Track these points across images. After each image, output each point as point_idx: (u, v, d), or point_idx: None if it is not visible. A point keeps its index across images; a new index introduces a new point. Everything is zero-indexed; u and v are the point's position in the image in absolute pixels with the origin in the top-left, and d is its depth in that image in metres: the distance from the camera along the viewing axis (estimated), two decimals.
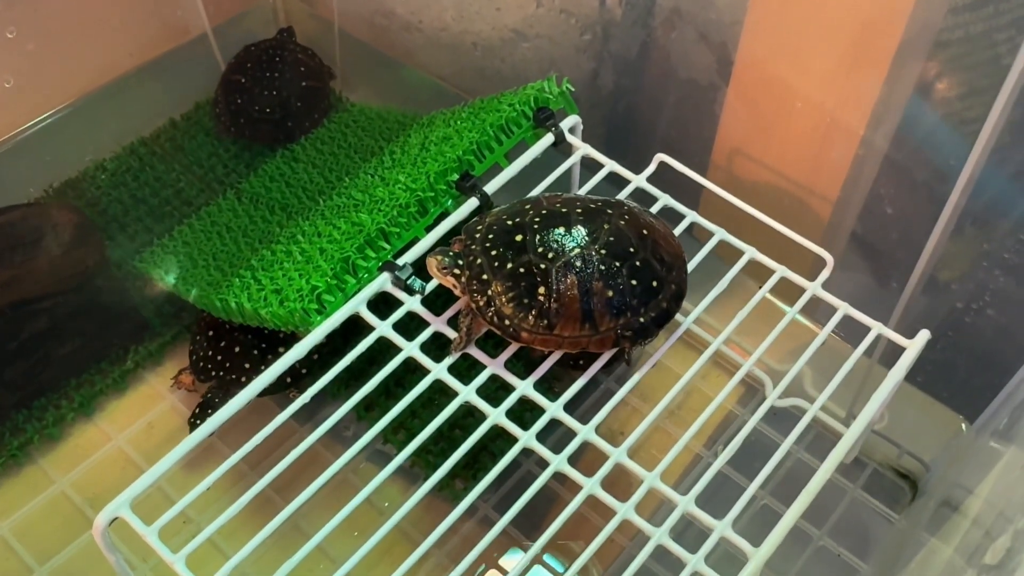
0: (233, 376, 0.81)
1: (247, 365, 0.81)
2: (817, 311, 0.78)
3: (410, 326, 0.68)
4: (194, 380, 0.84)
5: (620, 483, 0.64)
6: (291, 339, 0.80)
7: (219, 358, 0.81)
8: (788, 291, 0.70)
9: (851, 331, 0.70)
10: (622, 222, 0.63)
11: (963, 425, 0.81)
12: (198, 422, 0.80)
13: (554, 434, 0.73)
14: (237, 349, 0.81)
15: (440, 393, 0.67)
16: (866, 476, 0.83)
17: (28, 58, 0.96)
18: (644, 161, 0.76)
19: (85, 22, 1.01)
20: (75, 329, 0.86)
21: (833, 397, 0.66)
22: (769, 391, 0.82)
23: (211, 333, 0.82)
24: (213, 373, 0.81)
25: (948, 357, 0.79)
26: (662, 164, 0.75)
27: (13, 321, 0.83)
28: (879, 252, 0.79)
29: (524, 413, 0.75)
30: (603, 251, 0.61)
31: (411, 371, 0.68)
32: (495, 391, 0.67)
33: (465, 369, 0.69)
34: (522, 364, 0.71)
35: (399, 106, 1.02)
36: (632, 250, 0.62)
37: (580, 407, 0.86)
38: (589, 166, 0.78)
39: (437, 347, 0.67)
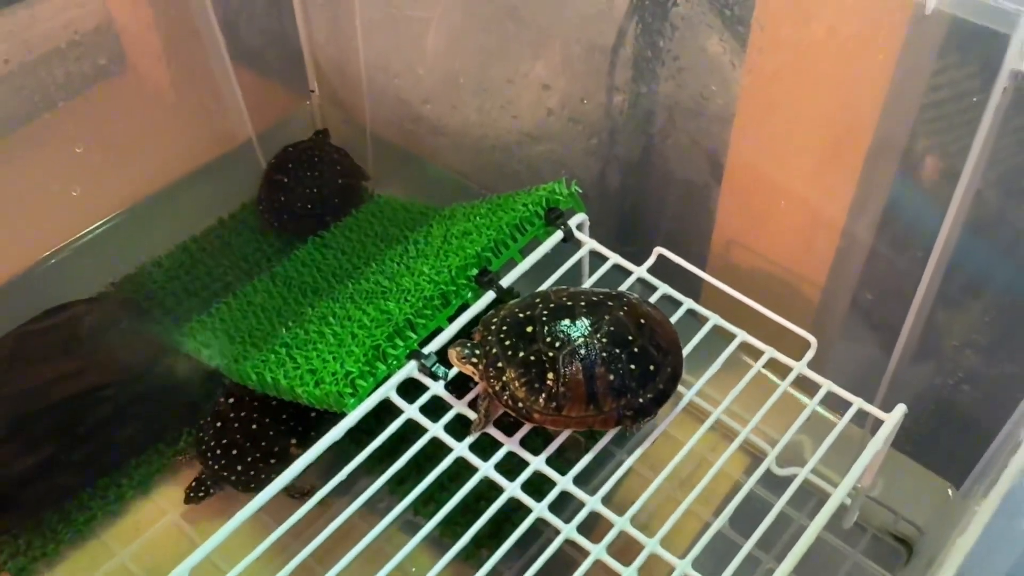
0: (224, 474, 0.89)
1: (239, 467, 0.89)
2: (812, 385, 0.84)
3: (436, 407, 0.75)
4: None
5: (631, 550, 0.70)
6: (284, 454, 0.89)
7: (218, 452, 0.89)
8: (784, 366, 0.77)
9: (845, 404, 0.76)
10: (621, 313, 0.71)
11: (949, 491, 0.87)
12: (193, 495, 0.89)
13: (574, 502, 0.80)
14: (235, 452, 0.89)
15: (466, 468, 0.74)
16: (866, 541, 0.89)
17: (93, 168, 1.07)
18: (651, 250, 0.84)
19: (143, 133, 1.12)
20: (135, 413, 0.95)
21: (834, 466, 0.72)
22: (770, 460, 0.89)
23: (219, 425, 0.90)
24: (211, 464, 0.89)
25: (933, 427, 0.85)
26: (661, 256, 0.83)
27: (82, 408, 0.92)
28: (866, 331, 0.86)
29: (543, 485, 0.81)
30: (604, 339, 0.69)
31: (439, 448, 0.75)
32: (516, 465, 0.74)
33: (489, 445, 0.76)
34: (541, 439, 0.78)
35: (425, 200, 1.11)
36: (631, 338, 0.69)
37: (595, 478, 0.92)
38: (599, 256, 0.86)
39: (462, 426, 0.75)
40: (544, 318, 0.70)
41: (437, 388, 0.76)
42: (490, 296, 0.81)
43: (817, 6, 0.67)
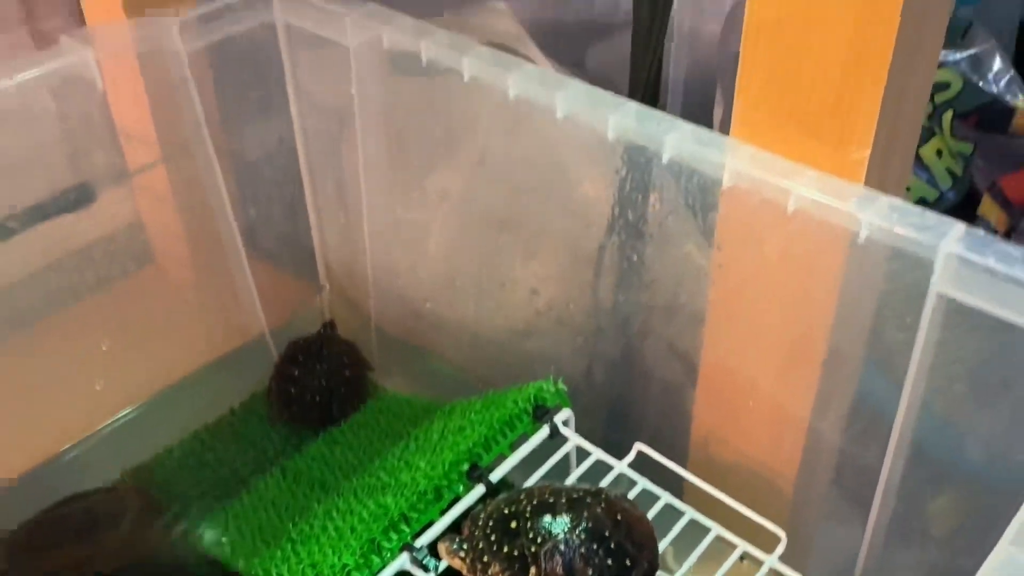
0: None
1: None
2: None
3: None
4: None
5: None
6: None
7: None
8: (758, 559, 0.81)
9: None
10: (599, 509, 0.76)
11: None
12: None
13: None
14: None
15: None
16: None
17: (116, 363, 1.14)
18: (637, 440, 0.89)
19: (165, 327, 1.20)
20: None
21: None
22: None
23: None
24: None
25: None
26: (641, 451, 0.89)
27: None
28: (838, 524, 0.90)
29: None
30: (583, 535, 0.74)
31: None
32: None
33: None
34: None
35: (426, 391, 1.18)
36: (608, 534, 0.74)
37: None
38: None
39: None
40: (527, 514, 0.76)
41: None
42: (481, 489, 0.87)
43: (768, 232, 0.76)
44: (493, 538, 0.75)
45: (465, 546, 0.77)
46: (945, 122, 1.18)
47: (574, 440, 0.91)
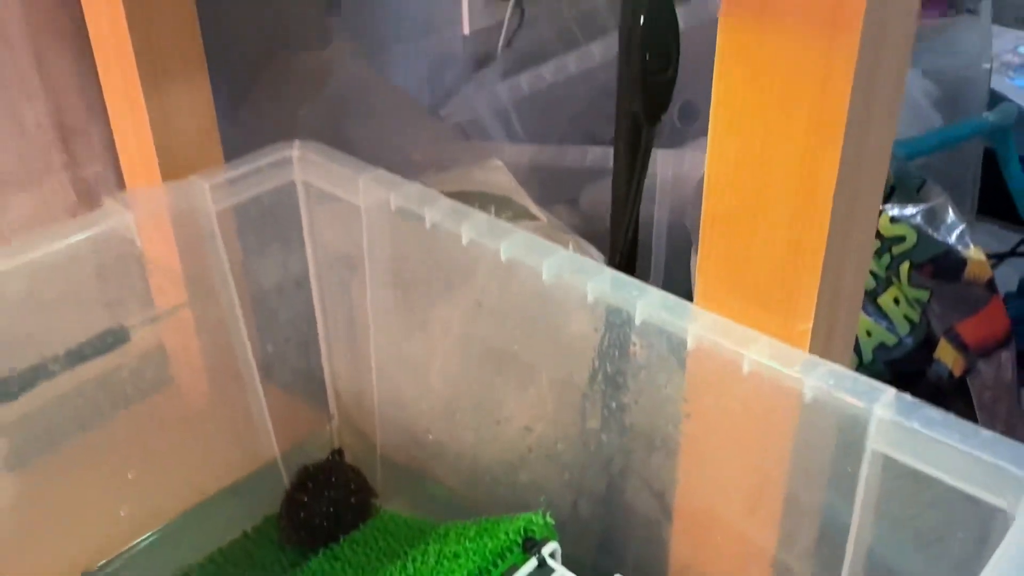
0: None
1: None
2: None
3: None
4: None
5: None
6: None
7: None
8: None
9: None
10: None
11: None
12: None
13: None
14: None
15: None
16: None
17: (139, 490, 1.23)
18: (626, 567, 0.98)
19: (184, 455, 1.29)
20: None
21: None
22: None
23: None
24: None
25: None
26: None
27: None
28: None
29: None
30: None
31: None
32: None
33: None
34: None
35: (425, 512, 1.26)
36: None
37: None
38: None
39: None
40: None
41: None
42: None
43: (728, 389, 0.85)
44: None
45: None
46: (902, 272, 1.28)
47: (560, 572, 0.99)
